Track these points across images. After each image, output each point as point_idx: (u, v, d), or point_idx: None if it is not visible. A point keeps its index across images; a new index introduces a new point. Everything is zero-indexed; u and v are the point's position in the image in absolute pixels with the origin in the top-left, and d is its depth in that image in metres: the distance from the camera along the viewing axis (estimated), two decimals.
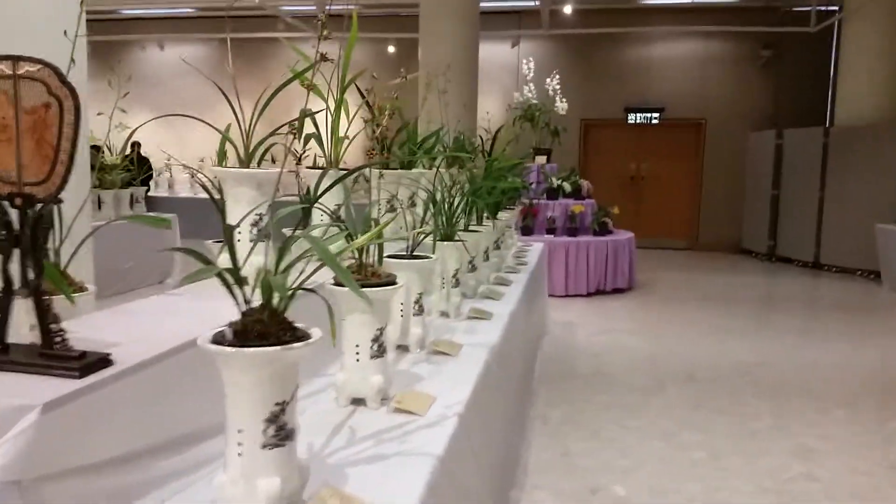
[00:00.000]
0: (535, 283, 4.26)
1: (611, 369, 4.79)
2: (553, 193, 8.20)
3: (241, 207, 1.74)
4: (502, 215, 4.14)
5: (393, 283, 1.66)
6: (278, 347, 1.06)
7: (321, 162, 2.33)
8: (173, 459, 1.30)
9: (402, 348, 2.14)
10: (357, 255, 1.65)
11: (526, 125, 8.51)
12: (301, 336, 1.11)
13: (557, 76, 8.71)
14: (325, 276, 1.33)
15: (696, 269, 10.00)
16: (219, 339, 1.08)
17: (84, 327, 1.41)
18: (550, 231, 7.89)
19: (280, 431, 1.09)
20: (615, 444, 3.45)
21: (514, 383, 2.92)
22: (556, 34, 11.85)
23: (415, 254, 2.17)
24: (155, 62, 13.01)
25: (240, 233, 1.76)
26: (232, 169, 1.79)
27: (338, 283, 1.57)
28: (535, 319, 4.51)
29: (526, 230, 7.80)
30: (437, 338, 2.26)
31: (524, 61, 8.90)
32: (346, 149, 2.25)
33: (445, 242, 2.61)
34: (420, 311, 2.13)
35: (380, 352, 1.64)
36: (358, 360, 1.63)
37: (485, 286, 3.23)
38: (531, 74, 8.69)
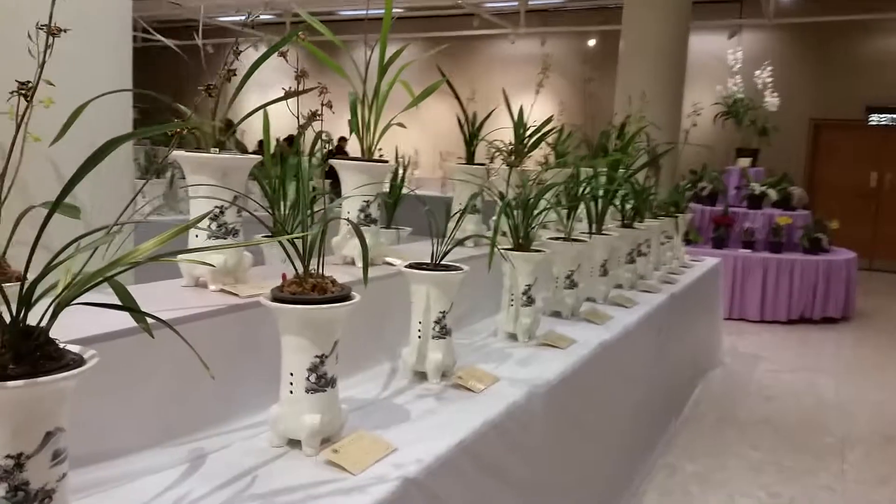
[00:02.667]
0: (687, 306, 3.61)
1: (782, 419, 3.94)
2: (755, 202, 7.16)
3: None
4: (649, 222, 3.56)
5: (342, 298, 1.30)
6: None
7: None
8: None
9: (420, 375, 1.77)
10: (296, 260, 1.32)
11: (728, 122, 7.52)
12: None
13: (769, 68, 7.57)
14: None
15: None
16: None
17: None
18: (748, 245, 6.87)
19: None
20: None
21: (606, 434, 2.40)
22: (782, 23, 10.45)
23: (446, 263, 1.79)
24: (361, 62, 13.60)
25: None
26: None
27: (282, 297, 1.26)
28: (687, 350, 3.84)
29: (718, 242, 6.89)
30: (472, 366, 1.85)
31: (730, 52, 7.87)
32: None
33: (515, 252, 2.17)
34: (443, 332, 1.74)
35: (319, 384, 1.29)
36: (291, 393, 1.30)
37: (588, 306, 2.72)
38: (738, 66, 7.65)
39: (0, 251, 1.42)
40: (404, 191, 2.68)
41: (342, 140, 12.73)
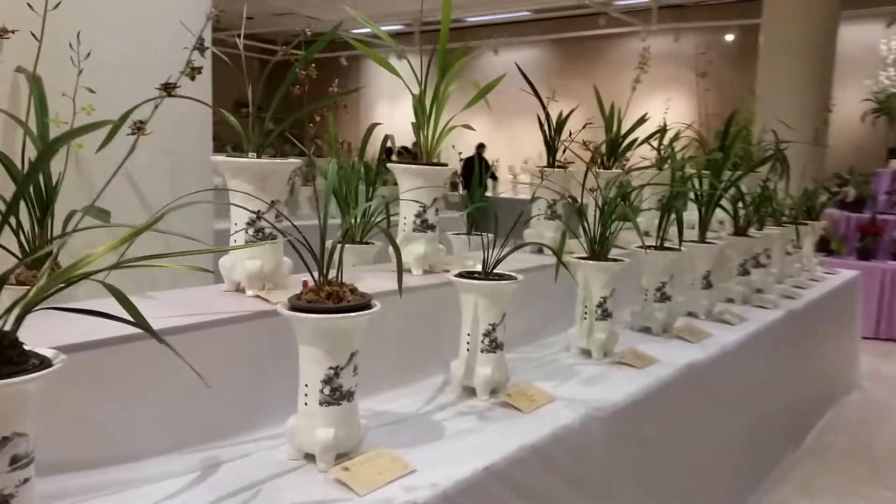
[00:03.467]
0: (812, 323, 3.25)
1: None
2: None
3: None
4: (770, 230, 3.24)
5: (359, 307, 1.23)
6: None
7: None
8: None
9: (469, 391, 1.67)
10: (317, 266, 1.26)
11: (880, 120, 6.78)
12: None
13: None
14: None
15: None
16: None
17: None
18: None
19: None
20: None
21: (694, 465, 2.17)
22: None
23: (500, 272, 1.68)
24: (488, 67, 13.58)
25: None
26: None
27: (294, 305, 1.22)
28: (812, 373, 3.45)
29: (863, 253, 6.21)
30: (527, 383, 1.73)
31: (883, 42, 7.09)
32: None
33: (590, 262, 2.02)
34: (493, 346, 1.63)
35: (334, 397, 1.23)
36: (306, 405, 1.25)
37: (685, 322, 2.49)
38: (894, 56, 6.88)
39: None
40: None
41: (480, 146, 12.76)
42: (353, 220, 2.16)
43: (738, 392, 2.43)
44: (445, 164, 1.88)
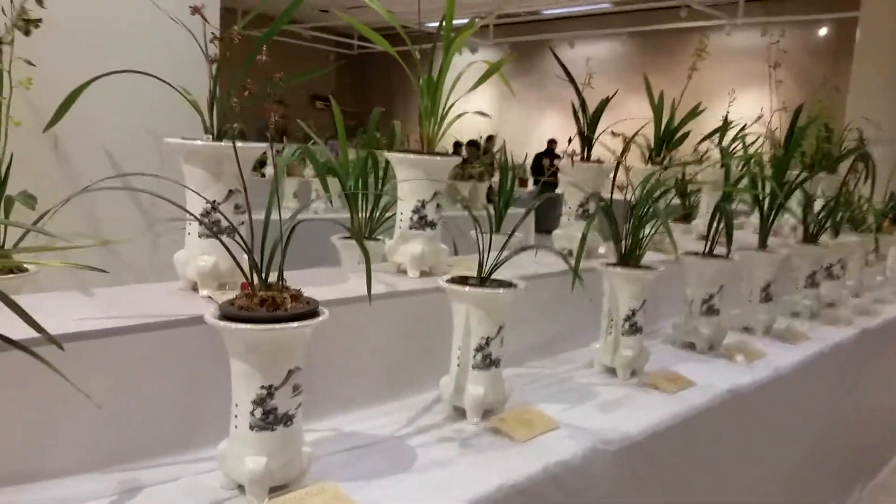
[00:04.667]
0: (884, 344, 2.86)
1: None
2: None
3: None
4: (845, 238, 2.89)
5: (301, 316, 1.05)
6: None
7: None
8: None
9: (459, 412, 1.46)
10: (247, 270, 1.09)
11: None
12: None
13: None
14: None
15: None
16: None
17: None
18: None
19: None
20: None
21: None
22: None
23: (500, 279, 1.47)
24: (565, 60, 13.18)
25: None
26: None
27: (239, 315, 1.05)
28: (884, 401, 3.06)
29: None
30: (526, 405, 1.51)
31: None
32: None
33: (617, 269, 1.77)
34: (487, 362, 1.42)
35: (267, 421, 1.05)
36: (236, 428, 1.07)
37: (736, 339, 2.20)
38: None
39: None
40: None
41: (552, 142, 12.42)
42: (361, 215, 1.99)
43: (793, 421, 2.12)
44: (449, 154, 1.67)
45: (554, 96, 12.88)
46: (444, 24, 1.64)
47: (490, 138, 10.19)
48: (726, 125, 2.70)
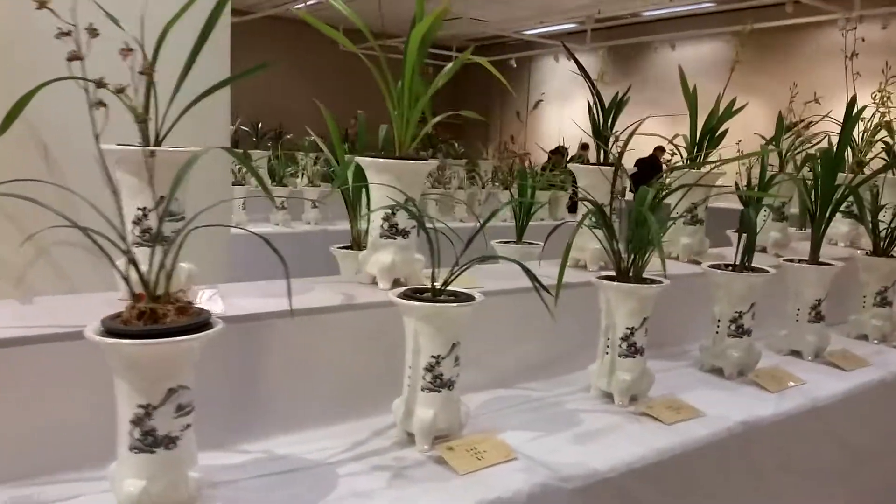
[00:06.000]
0: None
1: None
2: None
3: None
4: None
5: (182, 330, 0.98)
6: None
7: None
8: None
9: (410, 437, 1.35)
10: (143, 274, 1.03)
11: None
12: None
13: None
14: None
15: None
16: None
17: None
18: None
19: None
20: None
21: None
22: None
23: (460, 291, 1.35)
24: (665, 64, 12.66)
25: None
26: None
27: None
28: None
29: None
30: (485, 434, 1.38)
31: None
32: None
33: (613, 283, 1.60)
34: (438, 384, 1.30)
35: (147, 443, 0.99)
36: (120, 448, 1.02)
37: (776, 362, 1.95)
38: None
39: None
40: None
41: (658, 149, 11.93)
42: (359, 225, 1.92)
43: (831, 463, 1.85)
44: (423, 159, 1.56)
45: (654, 101, 12.39)
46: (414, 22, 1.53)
47: (585, 146, 9.91)
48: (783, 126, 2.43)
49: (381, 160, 1.53)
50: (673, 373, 1.89)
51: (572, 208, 5.41)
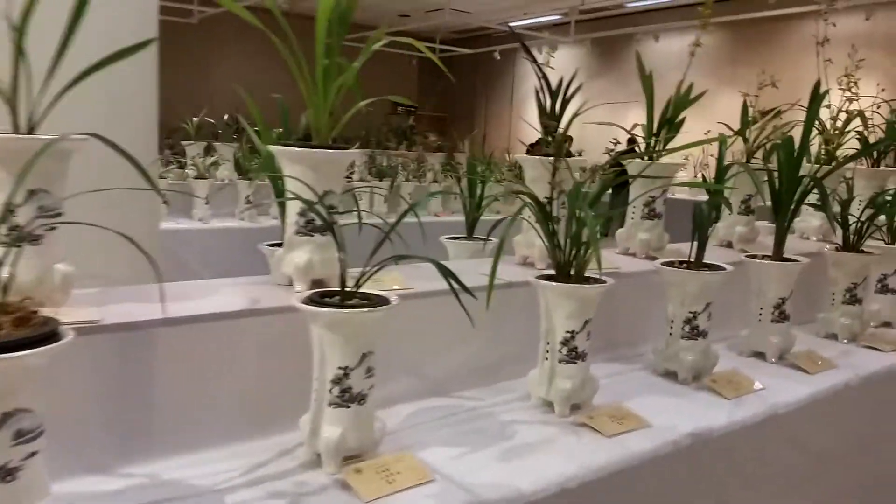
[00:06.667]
0: None
1: None
2: None
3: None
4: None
5: (16, 345, 0.84)
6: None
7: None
8: None
9: (319, 458, 1.22)
10: None
11: None
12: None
13: None
14: None
15: None
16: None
17: None
18: None
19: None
20: None
21: None
22: None
23: (369, 292, 1.22)
24: (651, 55, 12.54)
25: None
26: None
27: None
28: None
29: None
30: (402, 453, 1.25)
31: None
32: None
33: (550, 284, 1.48)
34: (346, 399, 1.17)
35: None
36: None
37: (734, 365, 1.83)
38: None
39: None
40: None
41: (631, 142, 11.88)
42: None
43: (791, 474, 1.73)
44: (344, 148, 1.43)
45: (639, 93, 12.27)
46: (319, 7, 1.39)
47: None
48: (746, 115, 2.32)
49: (295, 149, 1.40)
50: (624, 377, 1.78)
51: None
